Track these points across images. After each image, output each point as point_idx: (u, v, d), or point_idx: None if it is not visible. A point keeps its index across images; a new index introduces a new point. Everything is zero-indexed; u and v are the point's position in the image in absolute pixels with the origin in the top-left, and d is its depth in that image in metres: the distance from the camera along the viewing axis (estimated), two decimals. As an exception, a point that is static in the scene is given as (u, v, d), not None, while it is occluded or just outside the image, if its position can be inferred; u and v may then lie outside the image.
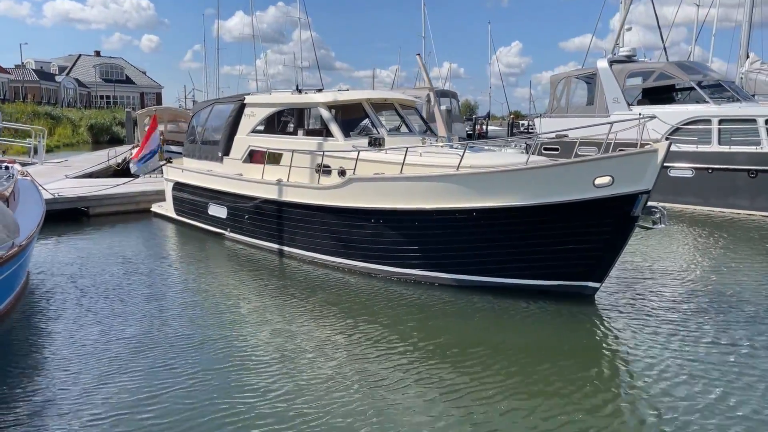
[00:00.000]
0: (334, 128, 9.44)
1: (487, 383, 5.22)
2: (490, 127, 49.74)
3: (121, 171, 20.28)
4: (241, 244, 10.57)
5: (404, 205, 7.83)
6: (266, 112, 10.61)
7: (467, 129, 37.06)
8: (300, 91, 10.38)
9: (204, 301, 7.56)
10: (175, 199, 12.66)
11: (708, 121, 15.00)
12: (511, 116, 51.22)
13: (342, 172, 9.07)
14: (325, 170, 9.27)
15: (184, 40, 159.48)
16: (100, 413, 4.64)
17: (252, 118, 10.79)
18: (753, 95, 17.65)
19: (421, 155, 8.31)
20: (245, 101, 10.98)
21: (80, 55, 74.32)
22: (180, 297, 7.73)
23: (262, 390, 5.05)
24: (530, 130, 43.68)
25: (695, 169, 14.86)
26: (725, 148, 14.59)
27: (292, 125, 11.70)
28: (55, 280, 8.34)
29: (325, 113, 9.57)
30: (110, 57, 77.70)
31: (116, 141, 42.60)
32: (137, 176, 17.35)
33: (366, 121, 10.86)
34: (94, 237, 11.56)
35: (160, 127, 19.26)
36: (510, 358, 5.79)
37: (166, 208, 13.28)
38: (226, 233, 10.97)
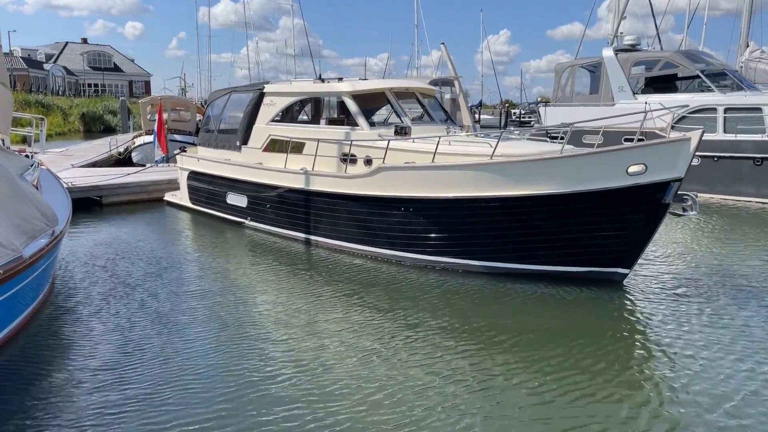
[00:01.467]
0: (360, 117, 9.48)
1: (524, 367, 5.34)
2: (482, 116, 49.92)
3: (123, 160, 20.20)
4: (263, 232, 10.61)
5: (436, 193, 7.92)
6: (287, 101, 10.62)
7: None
8: (322, 80, 10.39)
9: (248, 297, 7.26)
10: (190, 188, 12.64)
11: (713, 110, 15.20)
12: (506, 105, 51.33)
13: (368, 161, 9.13)
14: (350, 159, 9.33)
15: (169, 28, 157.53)
16: (163, 419, 4.46)
17: (272, 107, 10.79)
18: (754, 84, 17.89)
19: (450, 144, 8.40)
20: (264, 90, 10.97)
21: (67, 43, 73.21)
22: (226, 293, 7.42)
23: (326, 393, 4.83)
24: (522, 119, 43.86)
25: (701, 156, 15.05)
26: (731, 136, 14.81)
27: (308, 114, 11.72)
28: (81, 274, 8.17)
29: (350, 102, 9.60)
30: (98, 44, 76.63)
31: (109, 130, 42.21)
32: (143, 165, 17.33)
33: (383, 110, 10.92)
34: (112, 227, 11.52)
35: (164, 116, 19.17)
36: (547, 342, 5.91)
37: (180, 197, 13.26)
38: (246, 222, 11.01)
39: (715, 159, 14.95)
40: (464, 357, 5.56)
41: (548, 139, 10.10)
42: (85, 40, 76.47)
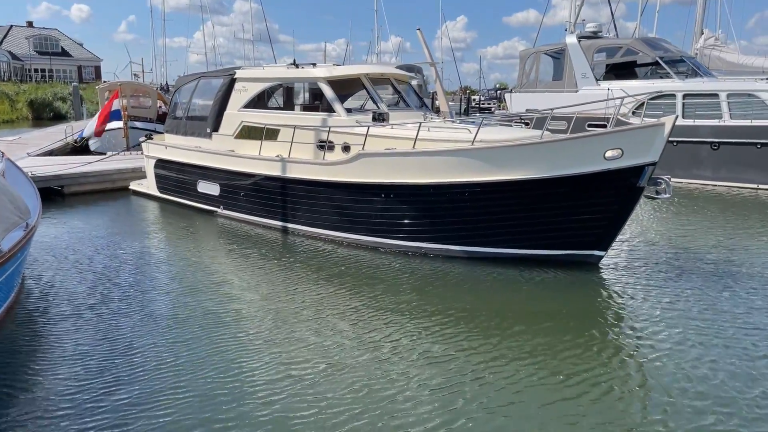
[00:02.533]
0: (337, 104, 9.40)
1: (502, 348, 5.47)
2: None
3: (80, 148, 19.53)
4: (236, 221, 10.46)
5: (417, 179, 7.95)
6: (260, 87, 10.44)
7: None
8: (296, 66, 10.25)
9: (241, 294, 6.98)
10: (157, 176, 12.34)
11: (672, 96, 15.67)
12: (468, 92, 51.75)
13: (346, 148, 9.08)
14: (328, 146, 9.26)
15: (117, 10, 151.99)
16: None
17: (243, 93, 10.60)
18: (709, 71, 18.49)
19: (429, 130, 8.43)
20: (236, 76, 10.75)
21: (12, 26, 69.82)
22: (216, 288, 7.12)
23: (338, 394, 4.65)
24: (481, 105, 44.30)
25: (661, 141, 15.48)
26: (689, 122, 15.31)
27: (279, 101, 11.56)
28: (52, 270, 7.79)
29: (327, 88, 9.51)
30: (44, 28, 73.37)
31: (59, 117, 40.62)
32: (103, 153, 16.80)
33: (352, 99, 10.84)
34: (77, 219, 11.14)
35: (123, 102, 18.60)
36: (527, 323, 6.06)
37: (147, 185, 12.93)
38: (219, 210, 10.82)
39: (675, 144, 15.42)
40: (479, 352, 5.42)
41: (522, 125, 10.23)
42: (30, 24, 73.06)
